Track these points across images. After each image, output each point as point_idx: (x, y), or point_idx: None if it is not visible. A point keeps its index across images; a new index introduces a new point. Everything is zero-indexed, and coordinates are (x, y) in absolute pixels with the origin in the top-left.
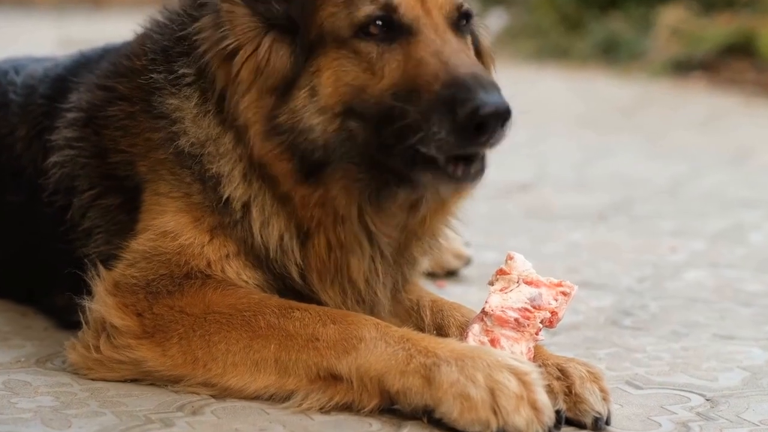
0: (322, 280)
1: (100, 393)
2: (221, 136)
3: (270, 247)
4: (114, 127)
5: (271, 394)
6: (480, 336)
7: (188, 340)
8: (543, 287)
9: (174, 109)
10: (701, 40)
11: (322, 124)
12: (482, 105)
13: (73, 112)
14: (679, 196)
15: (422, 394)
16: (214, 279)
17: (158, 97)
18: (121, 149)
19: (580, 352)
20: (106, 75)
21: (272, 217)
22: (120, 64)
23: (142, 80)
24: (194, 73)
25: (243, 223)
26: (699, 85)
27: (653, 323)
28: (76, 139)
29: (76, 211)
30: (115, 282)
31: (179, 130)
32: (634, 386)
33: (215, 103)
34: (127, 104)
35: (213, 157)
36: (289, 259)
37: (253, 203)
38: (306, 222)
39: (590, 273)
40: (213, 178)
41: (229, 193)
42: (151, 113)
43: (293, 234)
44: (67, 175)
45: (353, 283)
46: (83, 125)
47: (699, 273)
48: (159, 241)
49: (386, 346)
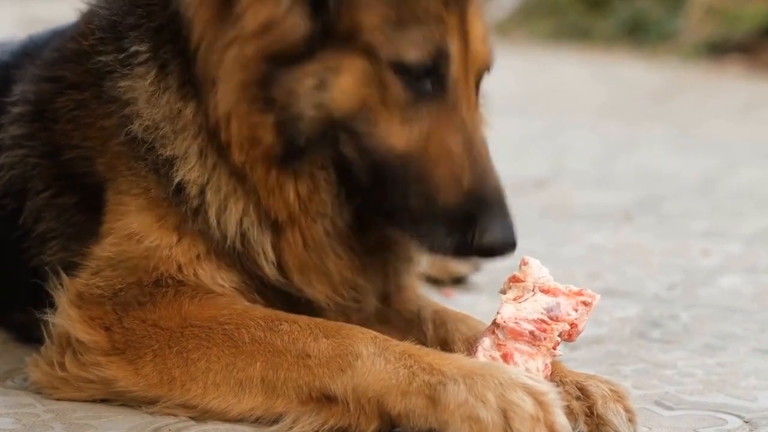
0: (304, 276)
1: (65, 415)
2: (182, 108)
3: (228, 236)
4: (65, 120)
5: (258, 417)
6: (491, 351)
7: (164, 358)
8: (561, 296)
9: (126, 90)
10: (739, 20)
11: (313, 121)
12: (496, 242)
13: (19, 105)
14: (712, 193)
15: (427, 417)
16: (188, 286)
17: (109, 81)
18: (74, 144)
19: (602, 369)
20: (51, 62)
21: (229, 199)
22: (66, 49)
23: (90, 65)
24: (148, 50)
25: (200, 212)
26: (736, 69)
27: (685, 336)
28: (25, 136)
29: (28, 214)
30: (78, 293)
31: (131, 113)
32: (663, 407)
33: (180, 65)
34: (77, 92)
35: (167, 138)
36: (257, 251)
37: (208, 185)
38: (274, 212)
39: (614, 279)
40: (166, 162)
41: (182, 176)
42: (102, 99)
43: (255, 221)
44: (18, 177)
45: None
46: (32, 120)
47: (735, 279)
48: (124, 245)
49: (386, 363)
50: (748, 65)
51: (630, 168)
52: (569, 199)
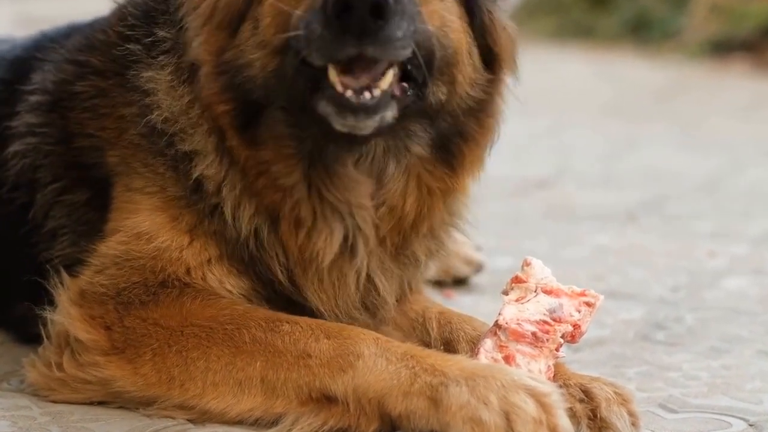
0: (308, 275)
1: (62, 417)
2: (193, 102)
3: (242, 234)
4: (82, 108)
5: (257, 418)
6: (493, 352)
7: (163, 357)
8: (564, 297)
9: (147, 80)
10: (744, 17)
11: (261, 59)
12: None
13: (37, 94)
14: (718, 193)
15: (428, 418)
16: (193, 288)
17: (134, 71)
18: (88, 133)
19: (606, 371)
20: (78, 49)
21: (243, 197)
22: (94, 38)
23: (117, 51)
24: (172, 38)
25: (218, 209)
26: (741, 67)
27: (689, 338)
28: (40, 125)
29: (38, 209)
30: (80, 291)
31: (152, 103)
32: (668, 410)
33: (189, 67)
34: (100, 79)
35: (186, 133)
36: (270, 254)
37: (224, 182)
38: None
39: (618, 281)
40: (186, 158)
41: (201, 171)
42: (125, 87)
43: (264, 219)
44: (29, 166)
45: (331, 273)
46: (48, 110)
47: (741, 281)
48: (132, 244)
49: (387, 363)
50: (752, 63)
51: (634, 168)
52: (572, 200)
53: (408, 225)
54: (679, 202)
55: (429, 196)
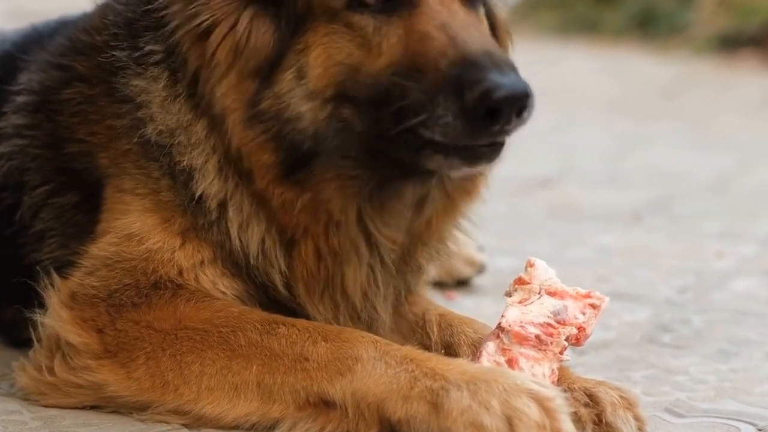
0: (310, 292)
1: (53, 422)
2: (193, 123)
3: (250, 253)
4: (70, 113)
5: (253, 423)
6: (495, 356)
7: (157, 361)
8: (568, 299)
9: (140, 91)
10: (752, 13)
11: (311, 111)
12: (495, 87)
13: (24, 95)
14: (726, 192)
15: (428, 423)
16: (187, 289)
17: (122, 78)
18: (78, 138)
19: (611, 375)
20: (61, 52)
21: (251, 219)
22: (78, 40)
23: (103, 58)
24: (163, 50)
25: (219, 225)
26: (749, 63)
27: (697, 340)
28: (27, 126)
29: (26, 210)
30: (71, 293)
31: (145, 116)
32: (674, 414)
33: (187, 86)
34: (86, 86)
35: (184, 147)
36: (273, 266)
37: (230, 202)
38: (289, 228)
39: (623, 282)
40: (184, 171)
41: (203, 190)
42: (114, 96)
43: (276, 240)
44: (16, 168)
45: (347, 297)
46: (35, 110)
47: (749, 282)
48: (123, 245)
49: (386, 367)
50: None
51: (640, 166)
52: (577, 199)
53: (418, 238)
54: (685, 202)
55: (451, 209)
